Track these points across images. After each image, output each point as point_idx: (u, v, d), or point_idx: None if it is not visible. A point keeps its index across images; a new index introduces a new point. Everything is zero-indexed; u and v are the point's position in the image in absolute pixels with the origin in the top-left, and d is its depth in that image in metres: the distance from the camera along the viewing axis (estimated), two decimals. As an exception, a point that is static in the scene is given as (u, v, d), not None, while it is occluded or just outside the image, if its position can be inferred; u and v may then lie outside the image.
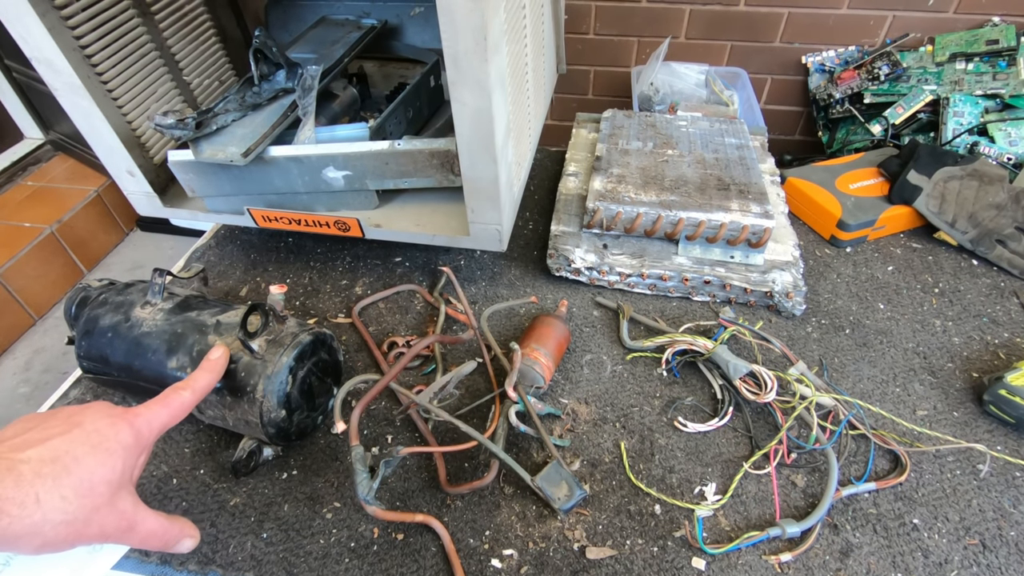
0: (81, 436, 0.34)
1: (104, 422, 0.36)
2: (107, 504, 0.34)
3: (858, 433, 0.52)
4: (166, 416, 0.39)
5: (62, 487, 0.32)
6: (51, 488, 0.32)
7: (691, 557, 0.45)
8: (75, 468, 0.33)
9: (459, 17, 0.43)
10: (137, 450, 0.37)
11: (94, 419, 0.35)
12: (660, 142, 0.74)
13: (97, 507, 0.34)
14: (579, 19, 1.30)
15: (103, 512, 0.34)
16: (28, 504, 0.31)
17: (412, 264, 0.72)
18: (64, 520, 0.32)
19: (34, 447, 0.32)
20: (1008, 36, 1.03)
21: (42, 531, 0.31)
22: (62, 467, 0.32)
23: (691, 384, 0.58)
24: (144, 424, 0.37)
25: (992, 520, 0.47)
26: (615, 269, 0.65)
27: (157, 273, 0.52)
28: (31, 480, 0.31)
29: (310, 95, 0.61)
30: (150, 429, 0.38)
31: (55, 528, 0.32)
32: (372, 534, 0.47)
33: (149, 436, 0.38)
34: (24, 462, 0.32)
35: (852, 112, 1.14)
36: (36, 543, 0.32)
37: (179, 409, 0.40)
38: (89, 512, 0.33)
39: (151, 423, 0.38)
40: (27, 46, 0.53)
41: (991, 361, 0.59)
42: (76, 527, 0.33)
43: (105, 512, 0.34)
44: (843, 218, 0.71)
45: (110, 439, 0.35)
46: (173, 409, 0.40)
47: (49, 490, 0.31)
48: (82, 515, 0.33)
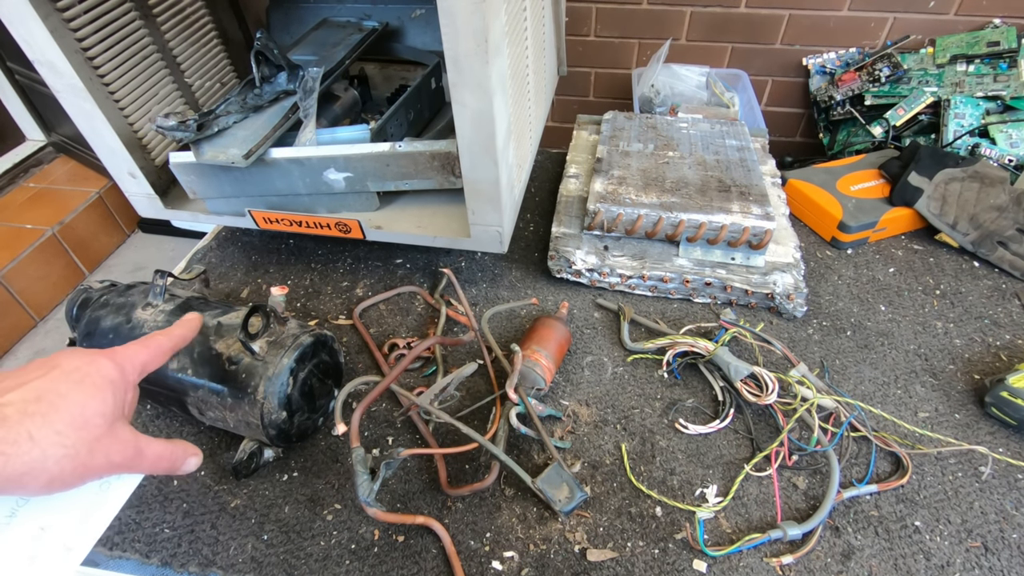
0: (61, 376, 0.34)
1: (82, 359, 0.35)
2: (107, 434, 0.34)
3: (859, 435, 0.52)
4: (145, 354, 0.39)
5: (54, 423, 0.32)
6: (42, 424, 0.32)
7: (692, 559, 0.45)
8: (62, 404, 0.33)
9: (460, 19, 0.43)
10: (123, 385, 0.36)
11: (70, 359, 0.35)
12: (661, 144, 0.74)
13: (97, 438, 0.34)
14: (580, 21, 1.30)
15: (105, 442, 0.34)
16: (21, 442, 0.31)
17: (413, 266, 0.72)
18: (66, 454, 0.32)
19: (13, 391, 0.32)
20: (1009, 38, 1.03)
21: (45, 467, 0.31)
22: (48, 404, 0.32)
23: (692, 386, 0.58)
24: (125, 360, 0.37)
25: (994, 522, 0.47)
26: (616, 271, 0.65)
27: (158, 275, 0.52)
28: (18, 419, 0.31)
29: (311, 97, 0.61)
30: (132, 365, 0.38)
31: (58, 463, 0.32)
32: (373, 536, 0.47)
33: (132, 372, 0.38)
34: (6, 405, 0.31)
35: (853, 114, 1.14)
36: (43, 480, 0.32)
37: (156, 350, 0.40)
38: (91, 443, 0.33)
39: (132, 359, 0.38)
40: (30, 48, 0.53)
41: (992, 363, 0.59)
42: (80, 459, 0.33)
43: (107, 442, 0.34)
44: (844, 220, 0.71)
45: (93, 374, 0.35)
46: (151, 349, 0.40)
47: (40, 426, 0.31)
48: (83, 447, 0.33)
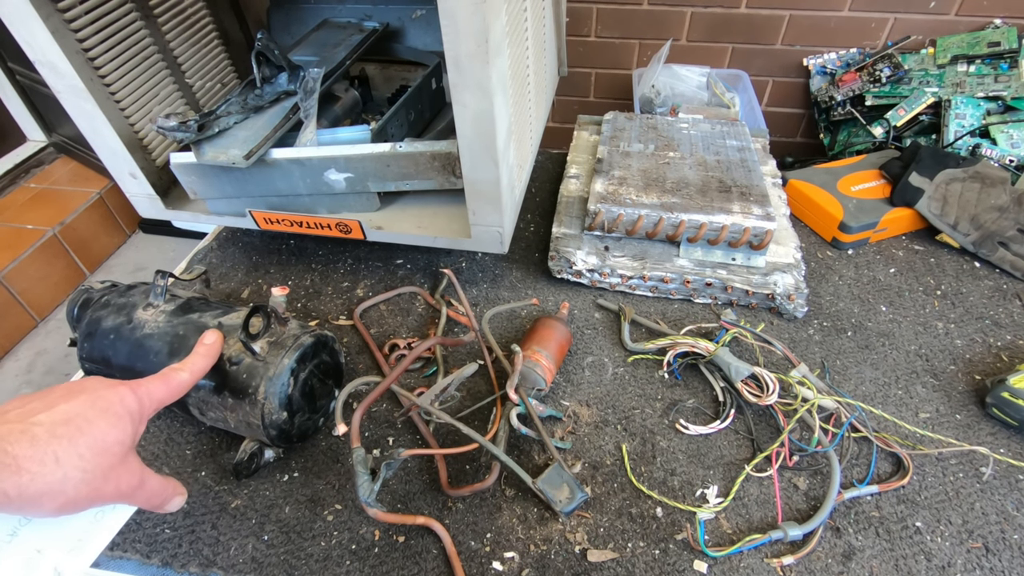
0: (88, 402, 0.35)
1: (107, 390, 0.37)
2: (121, 463, 0.35)
3: (860, 436, 0.52)
4: (164, 391, 0.40)
5: (78, 446, 0.33)
6: (68, 447, 0.33)
7: (693, 560, 0.45)
8: (88, 429, 0.34)
9: (461, 20, 0.43)
10: (139, 417, 0.38)
11: (95, 387, 0.36)
12: (661, 144, 0.74)
13: (113, 466, 0.35)
14: (580, 21, 1.30)
15: (118, 470, 0.35)
16: (48, 462, 0.32)
17: (413, 266, 0.72)
18: (84, 478, 0.33)
19: (43, 412, 0.33)
20: (1010, 38, 1.03)
21: (64, 489, 0.32)
22: (75, 428, 0.33)
23: (693, 386, 0.58)
24: (145, 394, 0.38)
25: (995, 523, 0.47)
26: (616, 271, 0.65)
27: (159, 275, 0.52)
28: (47, 440, 0.32)
29: (312, 97, 0.61)
30: (150, 400, 0.39)
31: (76, 487, 0.33)
32: (373, 536, 0.47)
33: (149, 407, 0.39)
34: (37, 424, 0.32)
35: (854, 114, 1.14)
36: (59, 501, 0.33)
37: (176, 387, 0.41)
38: (106, 470, 0.34)
39: (151, 395, 0.39)
40: (31, 49, 0.53)
41: (994, 363, 0.59)
42: (95, 484, 0.34)
43: (120, 470, 0.35)
44: (845, 220, 0.71)
45: (116, 404, 0.36)
46: (171, 387, 0.41)
47: (66, 449, 0.32)
48: (100, 473, 0.34)
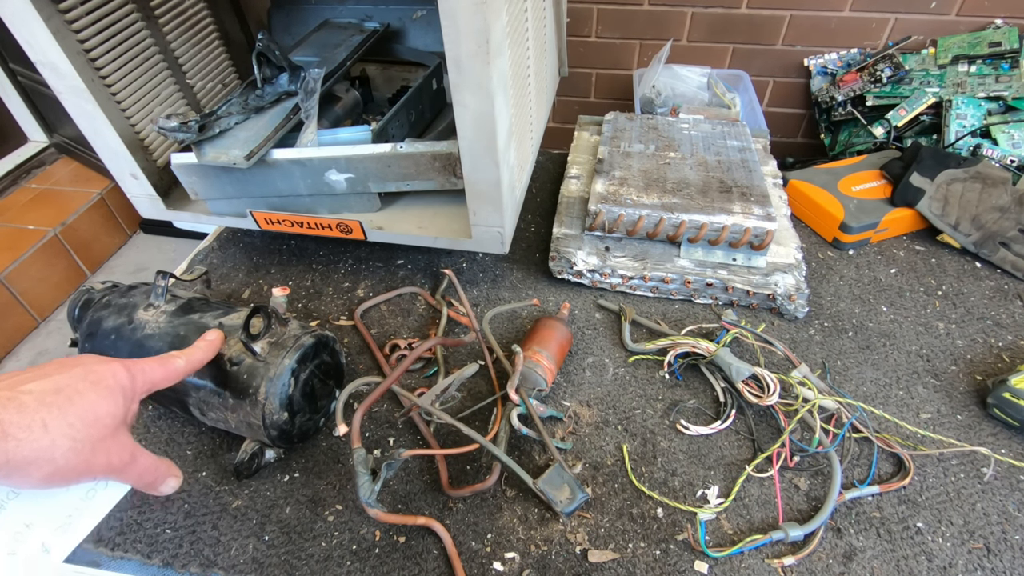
0: (80, 374, 0.35)
1: (101, 365, 0.36)
2: (112, 436, 0.35)
3: (861, 436, 0.52)
4: (159, 373, 0.40)
5: (68, 415, 0.33)
6: (57, 415, 0.32)
7: (693, 560, 0.45)
8: (79, 400, 0.34)
9: (461, 20, 0.43)
10: (132, 394, 0.37)
11: (89, 362, 0.36)
12: (662, 145, 0.74)
13: (103, 437, 0.35)
14: (581, 22, 1.30)
15: (109, 443, 0.35)
16: (35, 428, 0.31)
17: (414, 267, 0.72)
18: (73, 447, 0.33)
19: (34, 382, 0.33)
20: (1011, 38, 1.02)
21: (52, 456, 0.32)
22: (65, 398, 0.33)
23: (693, 387, 0.57)
24: (139, 372, 0.38)
25: (996, 524, 0.47)
26: (617, 272, 0.65)
27: (160, 275, 0.52)
28: (35, 408, 0.32)
29: (313, 98, 0.61)
30: (144, 379, 0.39)
31: (65, 455, 0.32)
32: (374, 537, 0.47)
33: (142, 385, 0.38)
34: (27, 393, 0.32)
35: (854, 114, 1.14)
36: (47, 470, 0.32)
37: (171, 371, 0.41)
38: (96, 442, 0.34)
39: (144, 373, 0.39)
40: (32, 50, 0.53)
41: (995, 364, 0.59)
42: (85, 455, 0.34)
43: (111, 443, 0.35)
44: (846, 221, 0.71)
45: (108, 378, 0.36)
46: (167, 369, 0.40)
47: (55, 417, 0.32)
48: (89, 444, 0.34)
